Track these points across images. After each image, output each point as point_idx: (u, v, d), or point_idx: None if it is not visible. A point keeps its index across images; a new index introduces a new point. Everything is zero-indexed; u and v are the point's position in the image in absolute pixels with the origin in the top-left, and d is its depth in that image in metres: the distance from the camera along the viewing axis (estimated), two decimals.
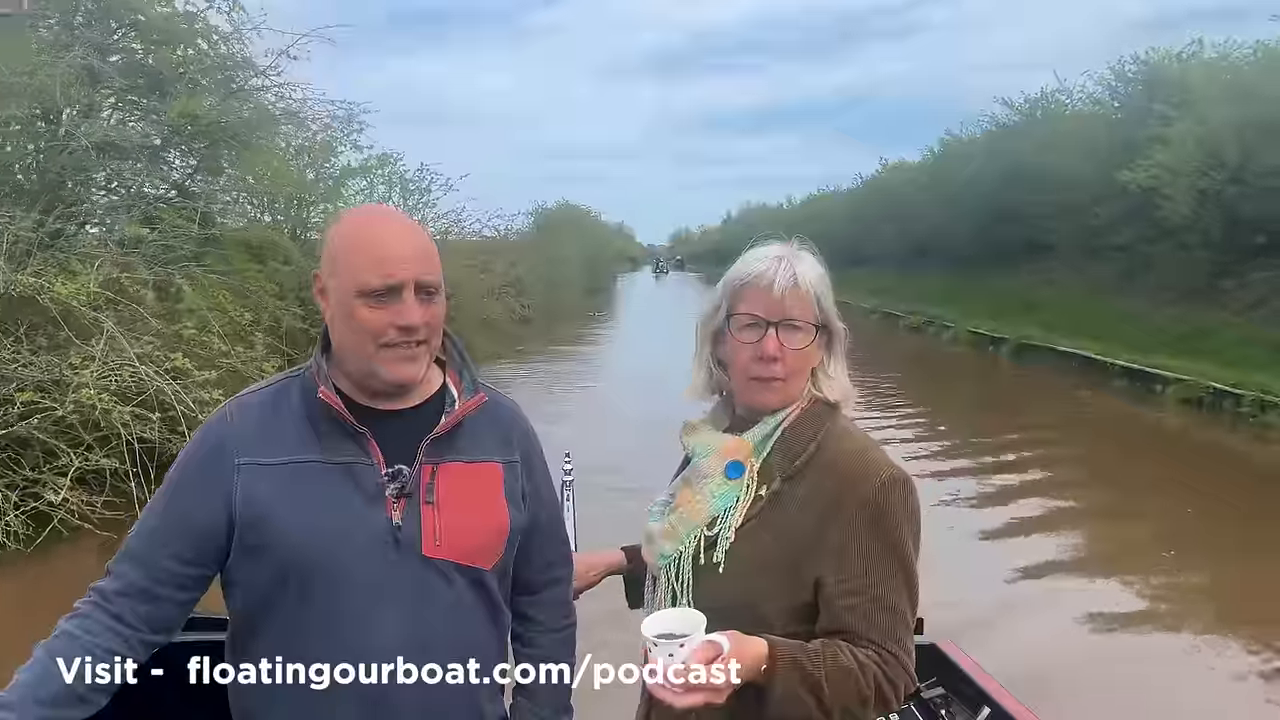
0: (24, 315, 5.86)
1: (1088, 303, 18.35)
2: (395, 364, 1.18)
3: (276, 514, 1.17)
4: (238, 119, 7.16)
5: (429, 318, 1.19)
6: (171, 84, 7.02)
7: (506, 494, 1.27)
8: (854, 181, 42.80)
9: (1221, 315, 14.78)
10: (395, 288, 1.15)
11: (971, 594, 4.76)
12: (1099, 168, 18.34)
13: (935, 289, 26.40)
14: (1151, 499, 7.57)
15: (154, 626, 1.18)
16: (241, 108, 7.40)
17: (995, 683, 1.82)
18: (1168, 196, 15.47)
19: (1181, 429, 10.89)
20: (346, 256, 1.18)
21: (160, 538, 1.19)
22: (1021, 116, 25.46)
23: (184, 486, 1.21)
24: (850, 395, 1.30)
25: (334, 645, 1.16)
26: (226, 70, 7.50)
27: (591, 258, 43.06)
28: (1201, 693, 4.09)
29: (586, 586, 1.54)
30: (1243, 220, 14.60)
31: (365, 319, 1.15)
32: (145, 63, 7.15)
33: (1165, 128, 16.28)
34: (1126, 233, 17.68)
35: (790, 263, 1.23)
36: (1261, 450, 9.58)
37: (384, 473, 1.19)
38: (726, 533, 1.21)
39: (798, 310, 1.22)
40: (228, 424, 1.22)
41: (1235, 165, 14.66)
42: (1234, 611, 5.06)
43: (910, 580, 1.17)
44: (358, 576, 1.17)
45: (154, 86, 7.03)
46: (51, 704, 1.08)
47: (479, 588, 1.25)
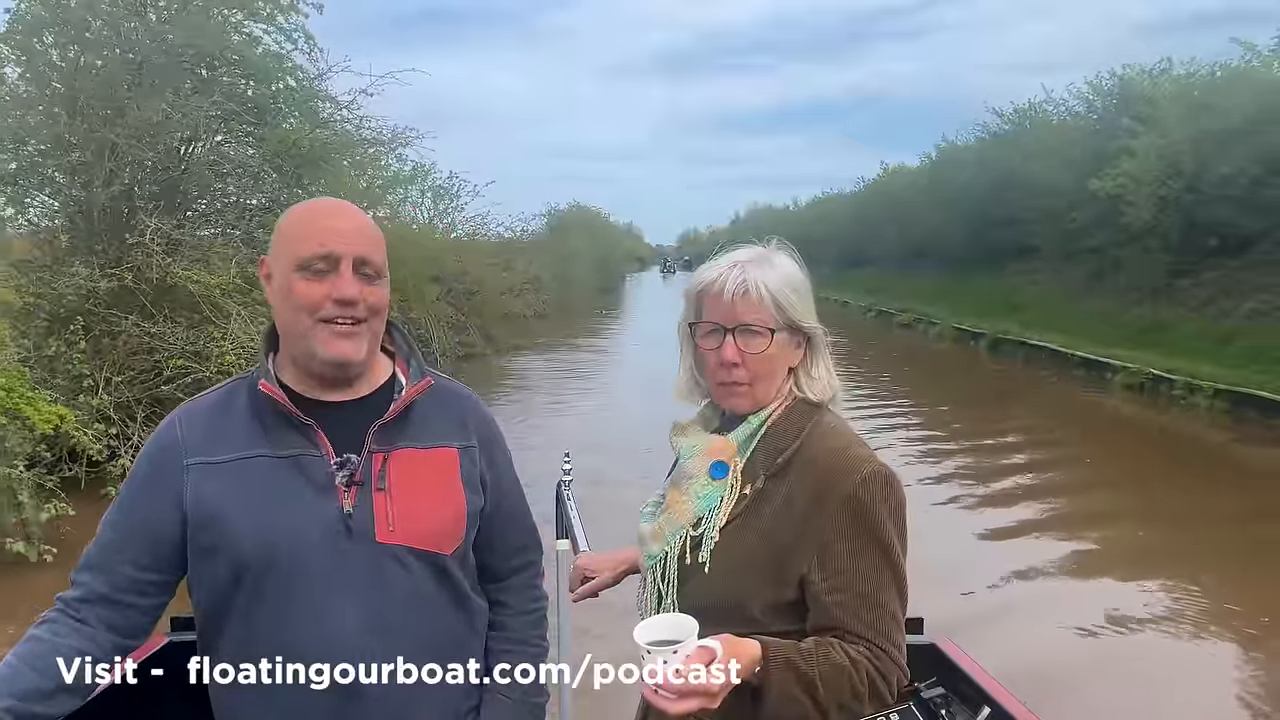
0: (168, 300, 7.50)
1: (1064, 301, 19.84)
2: (331, 340, 1.17)
3: (227, 511, 1.16)
4: (322, 145, 8.82)
5: (369, 296, 1.18)
6: (270, 114, 8.67)
7: (464, 478, 1.26)
8: (857, 184, 44.06)
9: (1179, 311, 16.22)
10: (332, 259, 1.15)
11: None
12: (1075, 176, 19.67)
13: (929, 288, 27.77)
14: (1080, 451, 9.54)
15: (121, 632, 1.19)
16: (325, 135, 9.05)
17: (996, 682, 1.79)
18: (1131, 203, 16.89)
19: (1117, 406, 12.67)
20: (288, 235, 1.19)
21: (116, 546, 1.19)
22: (1011, 125, 26.87)
23: (136, 493, 1.21)
24: (836, 393, 1.30)
25: (292, 638, 1.16)
26: (311, 102, 9.16)
27: (602, 258, 44.53)
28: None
29: (607, 584, 1.54)
30: (1198, 224, 16.00)
31: (302, 292, 1.15)
32: (247, 94, 8.80)
33: (1132, 140, 17.70)
34: (1098, 236, 19.06)
35: (744, 268, 1.24)
36: (1183, 421, 11.27)
37: (333, 462, 1.19)
38: (711, 532, 1.22)
39: (751, 315, 1.22)
40: (176, 429, 1.22)
41: (1191, 174, 16.05)
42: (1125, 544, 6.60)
43: (897, 575, 1.18)
44: (311, 568, 1.16)
45: (256, 117, 8.68)
46: (23, 698, 1.08)
47: (440, 575, 1.24)
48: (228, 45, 8.38)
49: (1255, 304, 14.27)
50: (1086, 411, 12.52)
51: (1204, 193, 15.77)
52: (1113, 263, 18.90)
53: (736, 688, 1.06)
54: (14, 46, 8.18)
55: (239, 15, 8.97)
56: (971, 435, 9.97)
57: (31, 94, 8.14)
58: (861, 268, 37.02)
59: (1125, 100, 20.40)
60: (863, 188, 42.05)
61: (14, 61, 8.30)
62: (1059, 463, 8.87)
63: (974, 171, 26.20)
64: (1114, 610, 5.02)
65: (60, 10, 8.22)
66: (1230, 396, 11.18)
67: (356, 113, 9.46)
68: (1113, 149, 18.32)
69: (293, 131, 8.22)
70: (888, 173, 39.03)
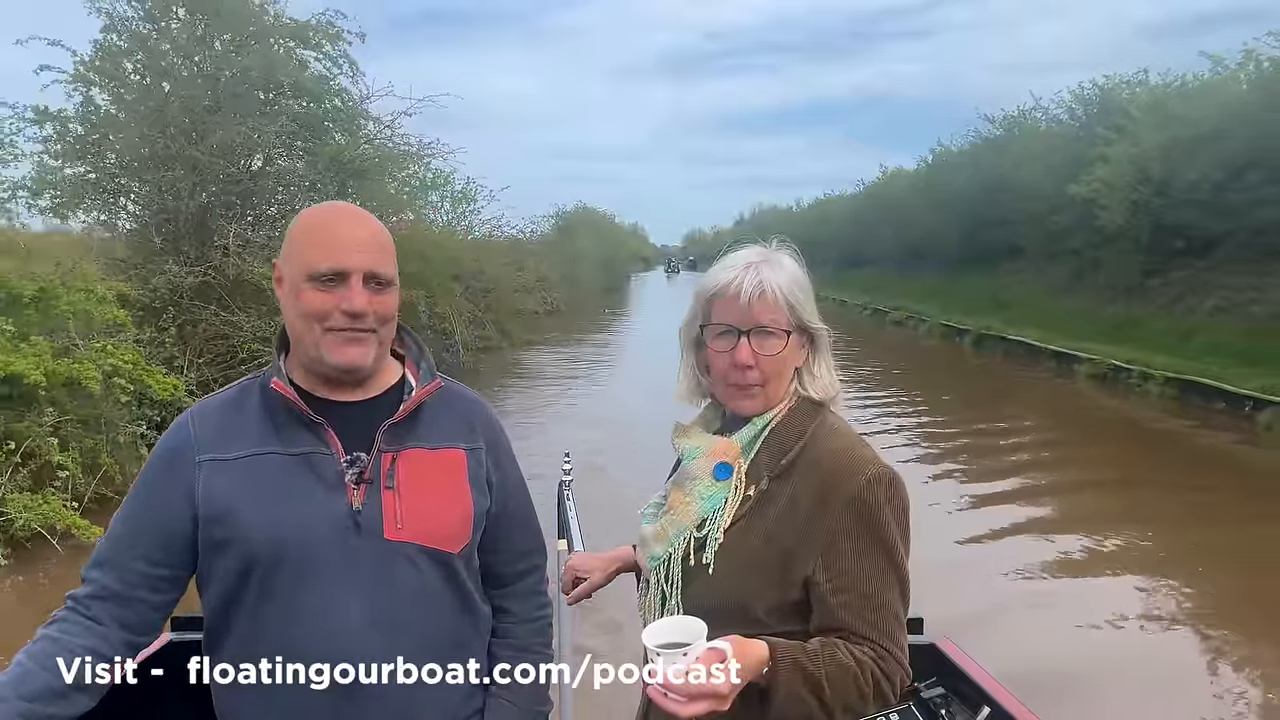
0: (240, 293, 8.73)
1: (1047, 299, 20.98)
2: (339, 346, 1.19)
3: (238, 507, 1.18)
4: (365, 159, 10.09)
5: (377, 306, 1.20)
6: (320, 132, 9.94)
7: (470, 479, 1.29)
8: (856, 186, 45.02)
9: (1149, 309, 17.35)
10: (342, 273, 1.17)
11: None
12: (1056, 181, 20.76)
13: (922, 288, 28.85)
14: (1034, 421, 11.13)
15: (132, 629, 1.20)
16: (369, 150, 10.33)
17: (995, 682, 1.80)
18: (1105, 207, 17.99)
19: (1079, 390, 14.13)
20: (300, 243, 1.21)
21: (128, 542, 1.21)
22: (1002, 131, 27.99)
23: (148, 489, 1.23)
24: (837, 393, 1.31)
25: (299, 633, 1.17)
26: (356, 121, 10.43)
27: (608, 258, 45.70)
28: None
29: (599, 585, 1.54)
30: (1166, 227, 17.07)
31: (311, 301, 1.18)
32: (302, 114, 10.05)
33: (1107, 147, 18.83)
34: (1078, 238, 20.14)
35: (758, 270, 1.24)
36: (1136, 403, 12.60)
37: (343, 460, 1.21)
38: (715, 533, 1.22)
39: (767, 316, 1.23)
40: (188, 427, 1.24)
41: (1160, 180, 17.13)
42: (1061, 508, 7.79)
43: (900, 575, 1.18)
44: (320, 564, 1.18)
45: (310, 134, 9.95)
46: (34, 699, 1.09)
47: (447, 574, 1.26)
48: (290, 72, 9.64)
49: (1217, 301, 15.41)
50: (1054, 397, 13.84)
51: (1172, 197, 16.86)
52: (1091, 263, 19.99)
53: (744, 689, 1.07)
54: (101, 74, 9.43)
55: (292, 43, 10.25)
56: (961, 421, 11.21)
57: (118, 115, 9.39)
58: (860, 268, 37.98)
59: (1105, 109, 21.51)
60: (861, 190, 43.11)
61: (100, 86, 9.55)
62: (1019, 433, 10.15)
63: (967, 175, 27.20)
64: (1063, 555, 6.09)
65: (139, 40, 9.48)
66: (1178, 384, 12.46)
67: (398, 131, 10.76)
68: (1091, 155, 19.41)
69: (342, 147, 9.50)
70: (886, 175, 39.95)
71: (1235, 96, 16.91)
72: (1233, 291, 15.13)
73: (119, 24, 9.40)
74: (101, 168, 9.62)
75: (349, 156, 9.76)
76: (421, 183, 14.56)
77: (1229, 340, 13.76)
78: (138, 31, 9.46)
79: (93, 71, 9.41)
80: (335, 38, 10.34)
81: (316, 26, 10.20)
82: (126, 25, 9.49)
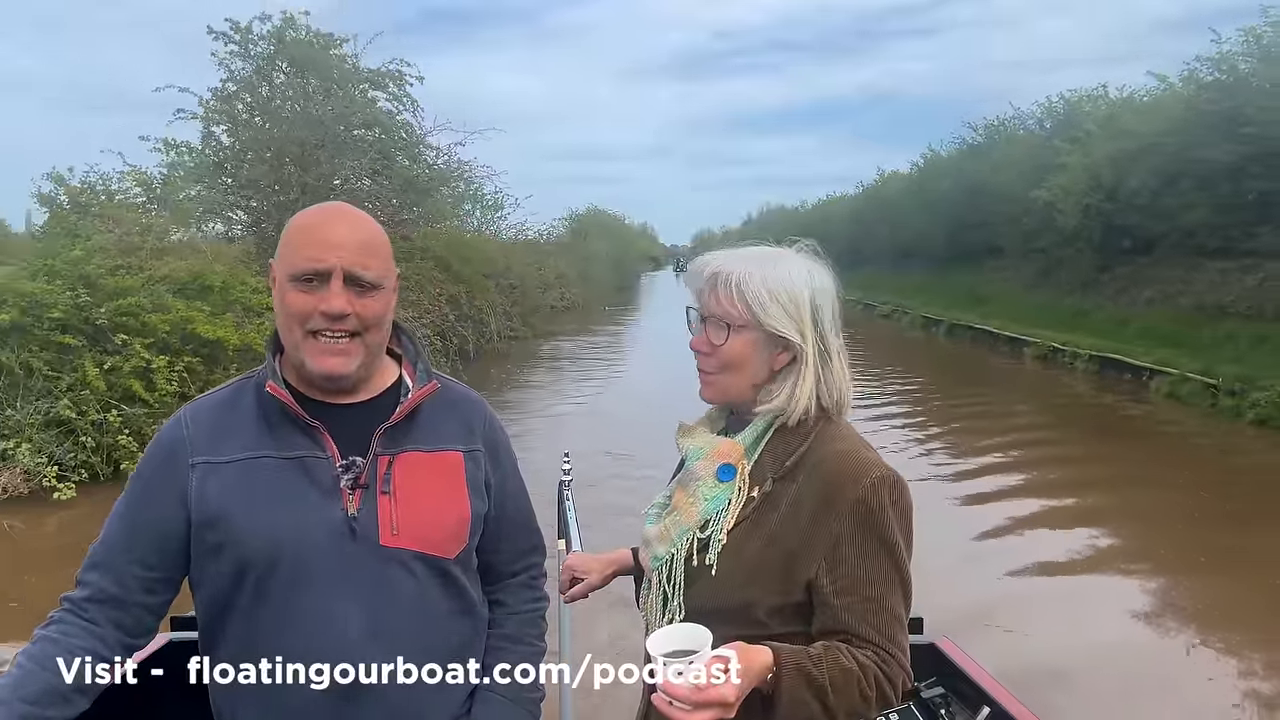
0: None
1: (1021, 293, 23.25)
2: (320, 355, 1.17)
3: (231, 511, 1.17)
4: (428, 180, 12.65)
5: (360, 309, 1.17)
6: (390, 160, 12.49)
7: (468, 482, 1.28)
8: (856, 187, 46.98)
9: (1098, 300, 19.57)
10: (322, 273, 1.15)
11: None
12: (1027, 186, 22.92)
13: (911, 284, 30.94)
14: (982, 392, 13.57)
15: (129, 631, 1.20)
16: (430, 173, 12.89)
17: (995, 682, 1.78)
18: (1062, 210, 20.22)
19: (1020, 366, 16.89)
20: (287, 243, 1.19)
21: (123, 545, 1.20)
22: (984, 138, 30.13)
23: (142, 492, 1.23)
24: (846, 403, 1.29)
25: (294, 641, 1.17)
26: (418, 148, 13.00)
27: (619, 258, 47.98)
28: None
29: (595, 586, 1.55)
30: (1115, 228, 19.23)
31: (292, 302, 1.16)
32: (376, 145, 12.58)
33: (1066, 156, 21.03)
34: (1045, 238, 22.34)
35: (716, 263, 1.26)
36: (1065, 377, 15.10)
37: (338, 465, 1.20)
38: (719, 535, 1.21)
39: (718, 308, 1.24)
40: (182, 428, 1.23)
41: (1110, 187, 19.28)
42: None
43: (904, 578, 1.19)
44: (315, 570, 1.17)
45: (383, 161, 12.50)
46: (34, 701, 1.09)
47: (444, 579, 1.25)
48: (366, 109, 12.16)
49: (1151, 293, 17.67)
50: (1004, 373, 16.49)
51: (1120, 202, 18.99)
52: (1056, 260, 22.14)
53: (748, 695, 1.06)
54: (220, 113, 11.98)
55: (365, 85, 12.76)
56: (926, 389, 13.68)
57: (234, 148, 11.95)
58: (859, 267, 40.03)
59: (1068, 120, 23.66)
60: (860, 191, 45.05)
61: (218, 123, 12.09)
62: (970, 399, 12.66)
63: (953, 179, 29.28)
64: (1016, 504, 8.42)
65: (249, 87, 12.02)
66: (1098, 360, 15.10)
67: (453, 159, 13.37)
68: (1053, 163, 21.59)
69: (408, 170, 12.11)
70: (883, 178, 41.85)
71: (1174, 112, 19.06)
72: (1165, 285, 17.34)
73: (235, 76, 11.95)
74: (216, 188, 12.15)
75: (416, 175, 12.32)
76: (462, 195, 17.10)
77: (1158, 325, 16.03)
78: (249, 80, 11.99)
79: (214, 112, 11.95)
80: (399, 80, 12.84)
81: (386, 72, 12.71)
82: (239, 77, 12.03)
